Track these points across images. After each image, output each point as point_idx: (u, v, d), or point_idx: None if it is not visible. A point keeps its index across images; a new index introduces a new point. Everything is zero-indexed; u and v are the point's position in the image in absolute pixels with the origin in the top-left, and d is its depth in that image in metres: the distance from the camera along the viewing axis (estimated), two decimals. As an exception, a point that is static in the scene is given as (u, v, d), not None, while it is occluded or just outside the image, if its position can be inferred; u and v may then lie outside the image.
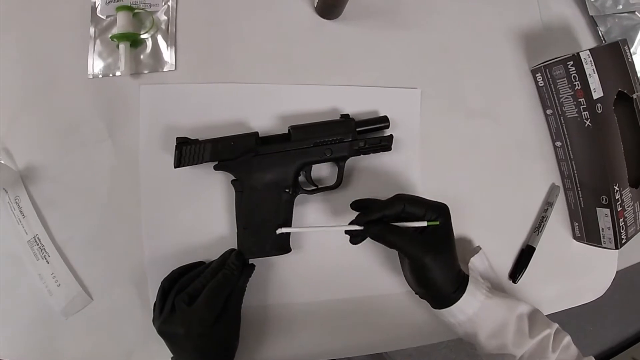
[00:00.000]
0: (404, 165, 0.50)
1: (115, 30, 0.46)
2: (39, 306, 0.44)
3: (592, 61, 0.45)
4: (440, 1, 0.53)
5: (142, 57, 0.47)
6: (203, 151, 0.42)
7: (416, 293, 0.44)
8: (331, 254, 0.47)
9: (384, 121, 0.47)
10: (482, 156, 0.52)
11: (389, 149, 0.46)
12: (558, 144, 0.52)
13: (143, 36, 0.47)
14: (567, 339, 0.41)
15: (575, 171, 0.51)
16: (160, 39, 0.47)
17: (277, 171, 0.43)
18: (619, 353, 1.34)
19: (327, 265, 0.48)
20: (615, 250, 0.49)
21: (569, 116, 0.49)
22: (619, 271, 0.55)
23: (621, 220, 0.47)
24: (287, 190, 0.43)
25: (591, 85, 0.45)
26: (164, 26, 0.47)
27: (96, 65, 0.46)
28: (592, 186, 0.49)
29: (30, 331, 0.44)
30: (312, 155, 0.44)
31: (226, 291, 0.40)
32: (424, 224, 0.39)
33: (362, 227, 0.40)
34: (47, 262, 0.44)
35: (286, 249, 0.44)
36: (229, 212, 0.46)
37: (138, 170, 0.45)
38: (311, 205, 0.48)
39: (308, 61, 0.49)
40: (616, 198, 0.47)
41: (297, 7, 0.50)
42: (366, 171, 0.49)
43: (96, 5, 0.47)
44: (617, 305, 1.29)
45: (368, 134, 0.46)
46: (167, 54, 0.47)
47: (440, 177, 0.50)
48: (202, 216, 0.46)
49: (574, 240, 0.54)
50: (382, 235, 0.39)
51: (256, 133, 0.44)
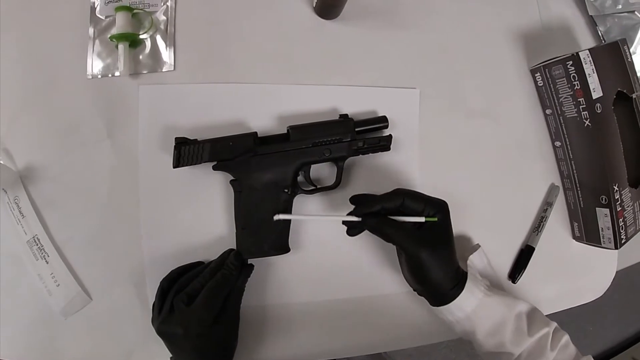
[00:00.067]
0: (403, 165, 0.50)
1: (115, 31, 0.46)
2: (38, 306, 0.44)
3: (592, 61, 0.45)
4: (439, 1, 0.53)
5: (141, 57, 0.47)
6: (202, 151, 0.42)
7: (414, 290, 0.43)
8: (330, 253, 0.48)
9: (382, 121, 0.47)
10: (481, 156, 0.52)
11: (388, 149, 0.46)
12: (557, 143, 0.52)
13: (142, 36, 0.47)
14: (565, 337, 0.41)
15: (575, 171, 0.51)
16: (159, 39, 0.47)
17: (276, 171, 0.43)
18: (619, 353, 1.33)
19: (326, 265, 0.48)
20: (614, 250, 0.49)
21: (568, 116, 0.49)
22: (619, 271, 0.55)
23: (621, 220, 0.47)
24: (286, 191, 0.43)
25: (590, 85, 0.45)
26: (163, 26, 0.47)
27: (95, 65, 0.47)
28: (591, 186, 0.49)
29: (30, 331, 0.44)
30: (311, 155, 0.44)
31: (225, 291, 0.40)
32: (422, 219, 0.39)
33: (359, 219, 0.40)
34: (47, 262, 0.44)
35: (285, 249, 0.44)
36: (227, 212, 0.46)
37: (137, 170, 0.46)
38: (310, 206, 0.48)
39: (307, 61, 0.49)
40: (616, 198, 0.46)
41: (296, 7, 0.50)
42: (365, 171, 0.49)
43: (95, 6, 0.47)
44: (617, 305, 1.29)
45: (367, 134, 0.46)
46: (166, 54, 0.47)
47: (439, 177, 0.50)
48: (201, 216, 0.46)
49: (573, 240, 0.54)
50: (379, 227, 0.39)
51: (255, 133, 0.44)
